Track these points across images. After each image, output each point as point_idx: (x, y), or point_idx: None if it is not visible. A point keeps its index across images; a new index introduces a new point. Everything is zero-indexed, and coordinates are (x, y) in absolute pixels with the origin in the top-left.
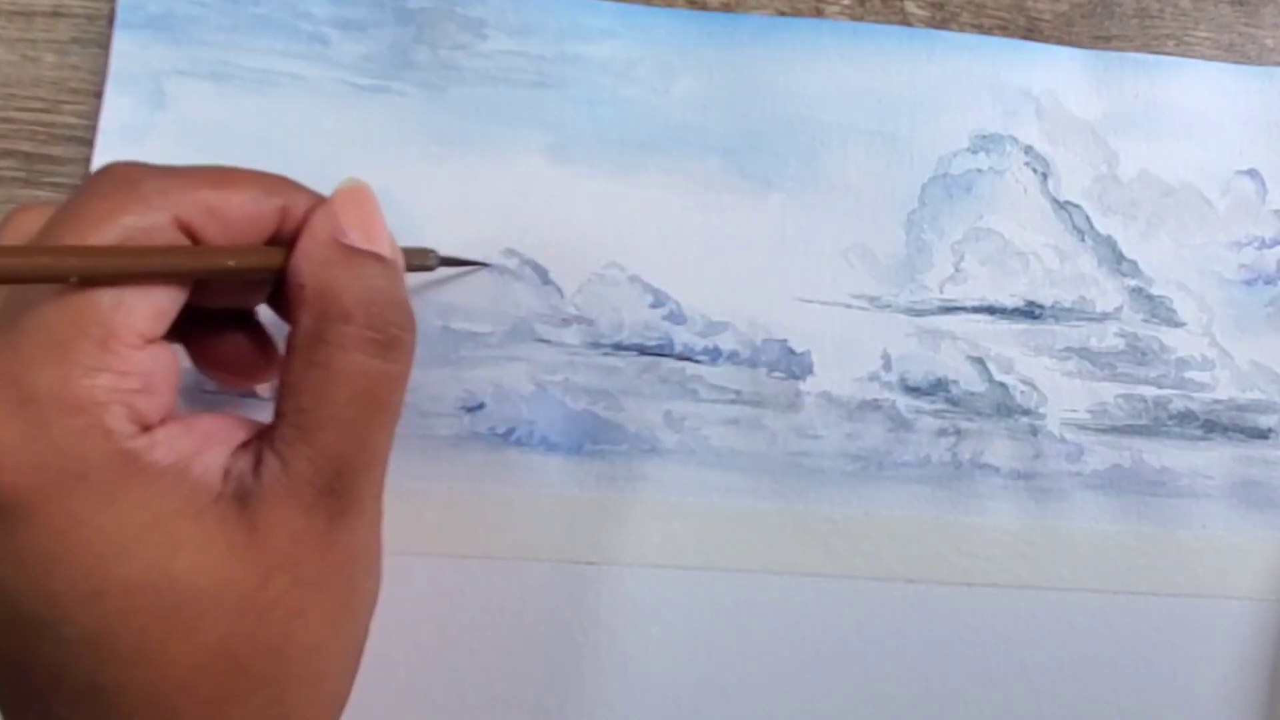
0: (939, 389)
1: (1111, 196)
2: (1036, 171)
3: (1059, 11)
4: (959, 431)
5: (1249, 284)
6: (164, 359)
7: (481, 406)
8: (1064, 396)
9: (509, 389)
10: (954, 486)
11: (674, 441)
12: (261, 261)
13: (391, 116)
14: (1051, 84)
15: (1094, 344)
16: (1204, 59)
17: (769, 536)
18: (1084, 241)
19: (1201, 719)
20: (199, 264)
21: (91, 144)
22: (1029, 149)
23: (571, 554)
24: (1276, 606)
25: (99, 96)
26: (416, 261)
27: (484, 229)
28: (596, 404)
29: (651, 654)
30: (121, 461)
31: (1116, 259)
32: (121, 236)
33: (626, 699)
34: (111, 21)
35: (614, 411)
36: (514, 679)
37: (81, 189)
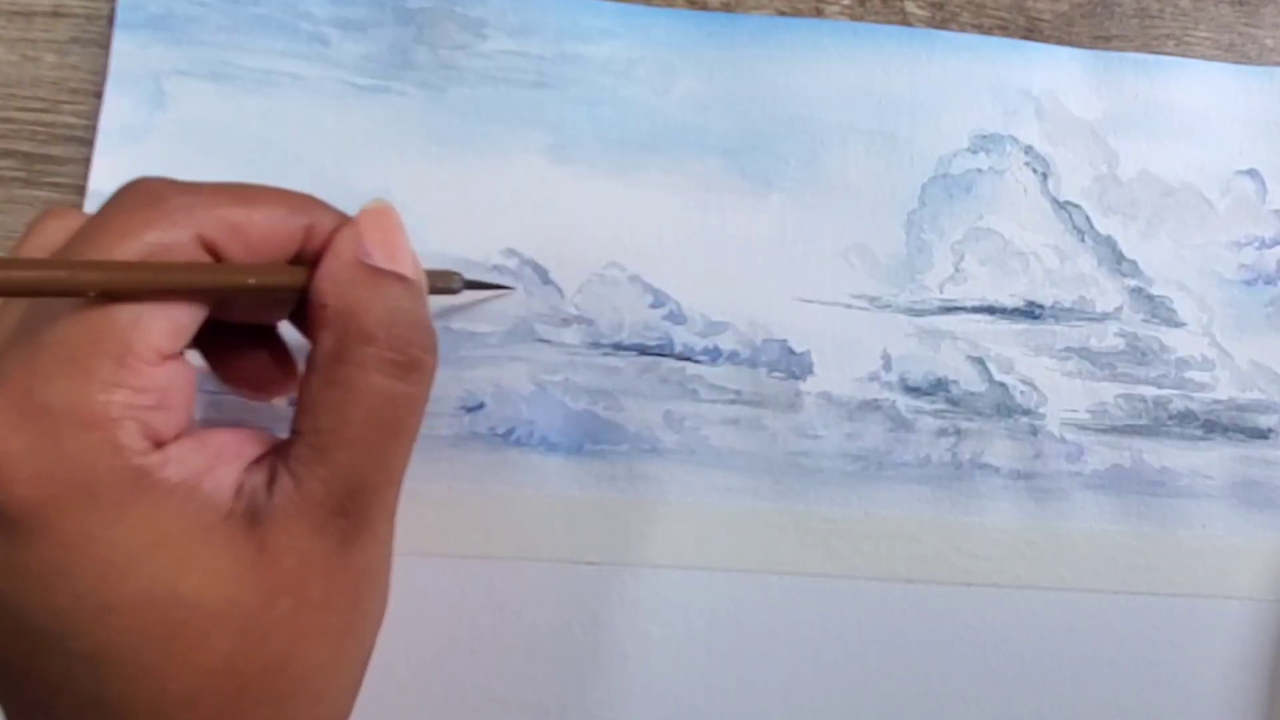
0: (939, 389)
1: (1111, 196)
2: (1036, 171)
3: (1059, 11)
4: (959, 431)
5: (1249, 284)
6: (180, 375)
7: (481, 406)
8: (1064, 396)
9: (509, 389)
10: (954, 486)
11: (674, 441)
12: (283, 280)
13: (391, 116)
14: (1051, 84)
15: (1094, 344)
16: (1204, 59)
17: (769, 536)
18: (1084, 241)
19: (1201, 719)
20: (220, 281)
21: (91, 144)
22: (1029, 149)
23: (571, 554)
24: (1276, 606)
25: (99, 96)
26: (441, 284)
27: (484, 229)
28: (596, 404)
29: (651, 654)
30: (132, 478)
31: (1116, 259)
32: (144, 252)
33: (627, 699)
34: (111, 21)
35: (614, 411)
36: (514, 679)
37: (108, 202)
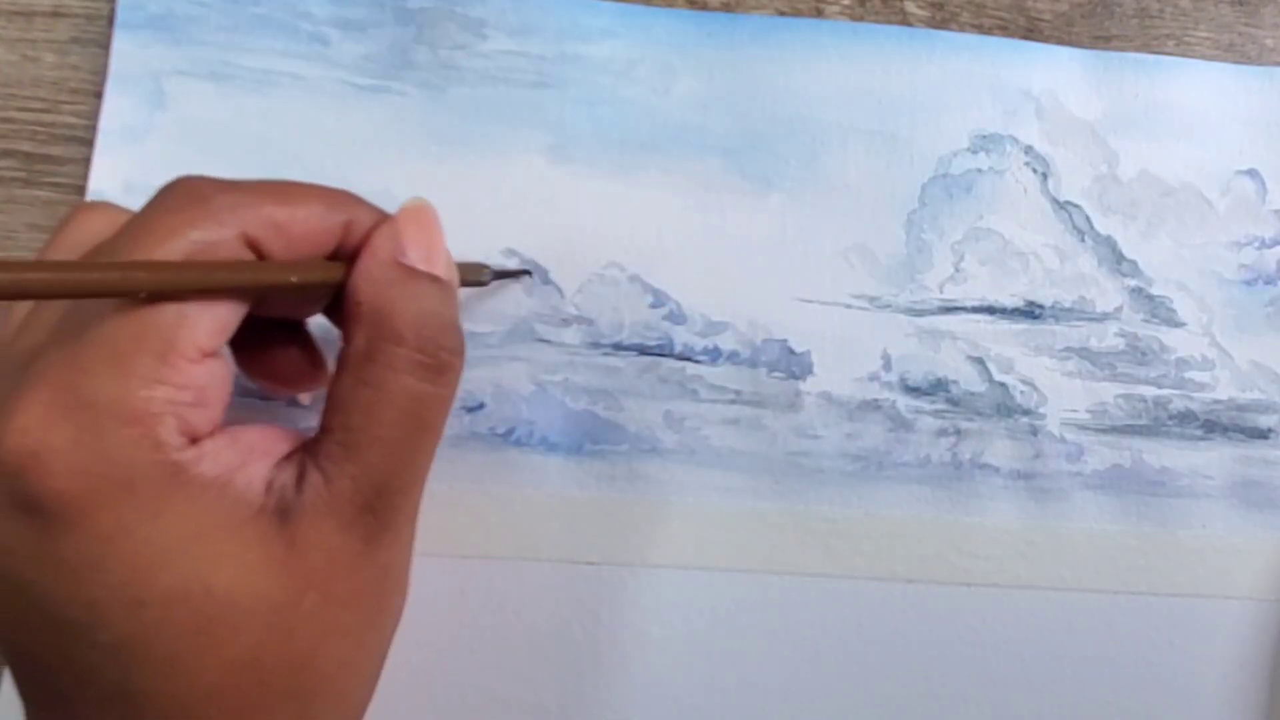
0: (939, 389)
1: (1111, 196)
2: (1036, 171)
3: (1059, 11)
4: (959, 431)
5: (1249, 284)
6: (218, 372)
7: (481, 406)
8: (1064, 396)
9: (509, 389)
10: (954, 486)
11: (674, 441)
12: (323, 277)
13: (391, 116)
14: (1051, 84)
15: (1094, 344)
16: (1204, 59)
17: (769, 536)
18: (1084, 241)
19: (1201, 719)
20: (264, 280)
21: (91, 144)
22: (1029, 149)
23: (571, 554)
24: (1276, 606)
25: (99, 96)
26: (471, 277)
27: (484, 229)
28: (596, 404)
29: (651, 654)
30: (170, 473)
31: (1116, 259)
32: (189, 251)
33: (627, 699)
34: (111, 21)
35: (614, 411)
36: (514, 679)
37: (152, 201)
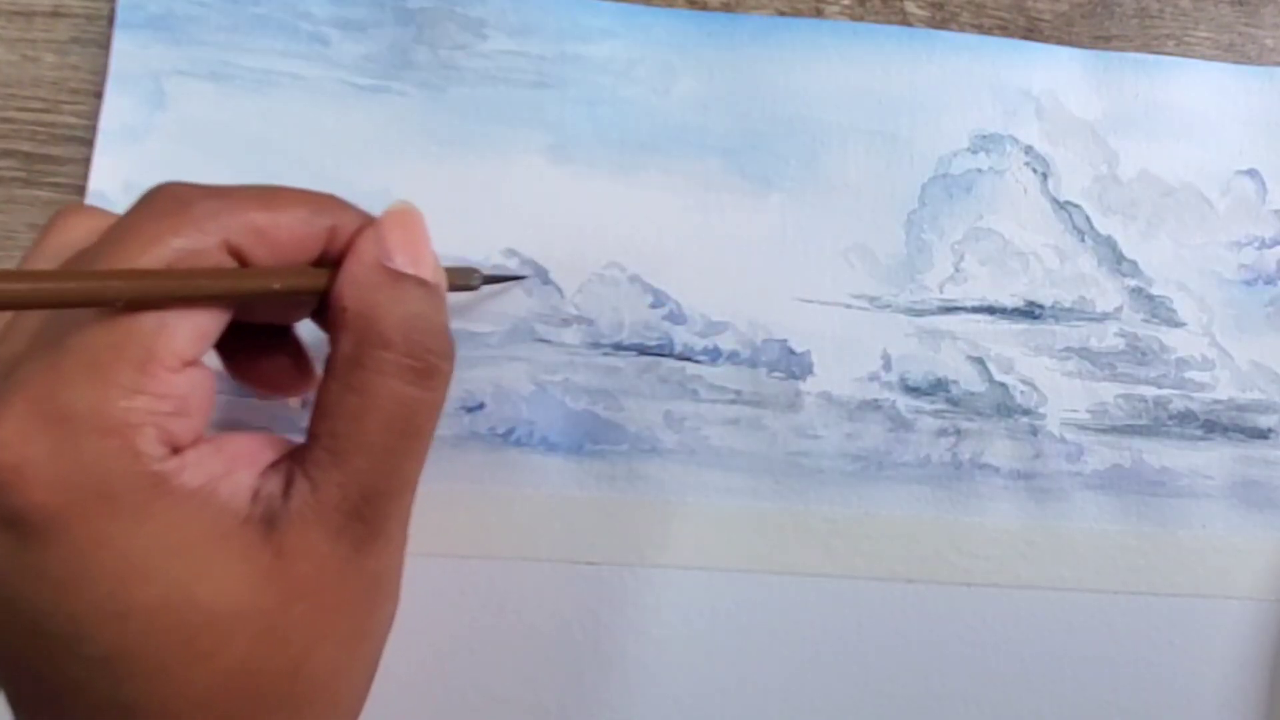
0: (939, 389)
1: (1111, 196)
2: (1036, 171)
3: (1059, 11)
4: (959, 431)
5: (1249, 284)
6: (200, 381)
7: (481, 406)
8: (1064, 396)
9: (509, 389)
10: (954, 486)
11: (674, 441)
12: (306, 284)
13: (391, 116)
14: (1051, 84)
15: (1094, 344)
16: (1204, 59)
17: (769, 536)
18: (1084, 241)
19: (1201, 719)
20: (244, 286)
21: (91, 144)
22: (1029, 149)
23: (571, 554)
24: (1276, 606)
25: (99, 96)
26: (460, 282)
27: (484, 229)
28: (596, 404)
29: (651, 654)
30: (150, 484)
31: (1116, 259)
32: (170, 258)
33: (626, 699)
34: (111, 21)
35: (614, 411)
36: (514, 679)
37: (133, 208)
